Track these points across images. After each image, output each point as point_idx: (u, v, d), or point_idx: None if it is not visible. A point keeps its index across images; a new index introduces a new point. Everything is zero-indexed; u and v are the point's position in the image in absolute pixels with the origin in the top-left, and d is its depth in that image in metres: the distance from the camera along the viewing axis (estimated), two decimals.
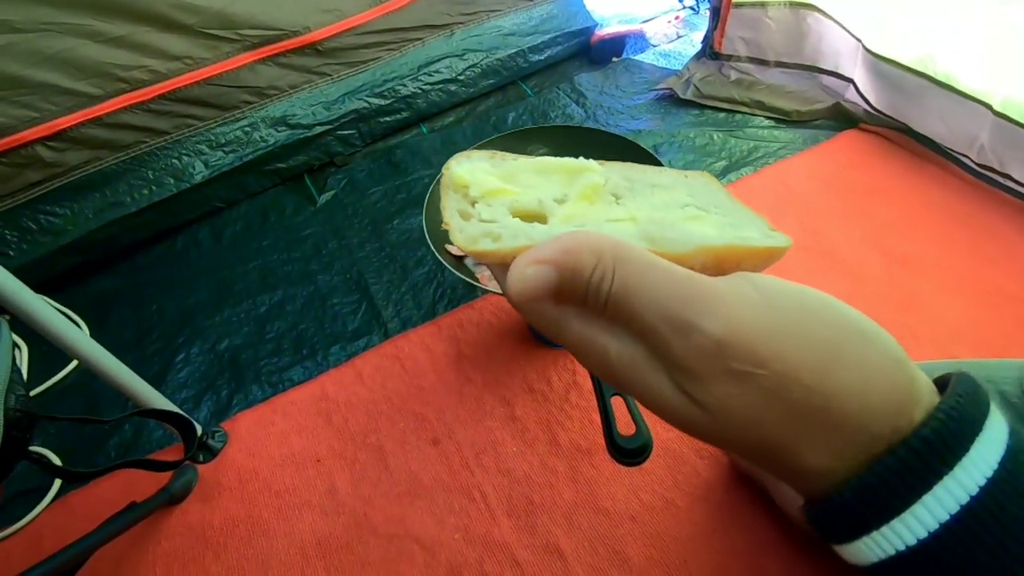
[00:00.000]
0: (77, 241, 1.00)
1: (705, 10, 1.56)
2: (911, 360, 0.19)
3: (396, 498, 0.69)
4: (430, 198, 0.72)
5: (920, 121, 1.00)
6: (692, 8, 1.60)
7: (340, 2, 1.13)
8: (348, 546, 0.65)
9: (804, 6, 1.14)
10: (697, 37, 1.43)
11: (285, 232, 1.08)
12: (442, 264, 0.67)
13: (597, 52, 1.44)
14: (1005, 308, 0.78)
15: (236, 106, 1.09)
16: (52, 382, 0.87)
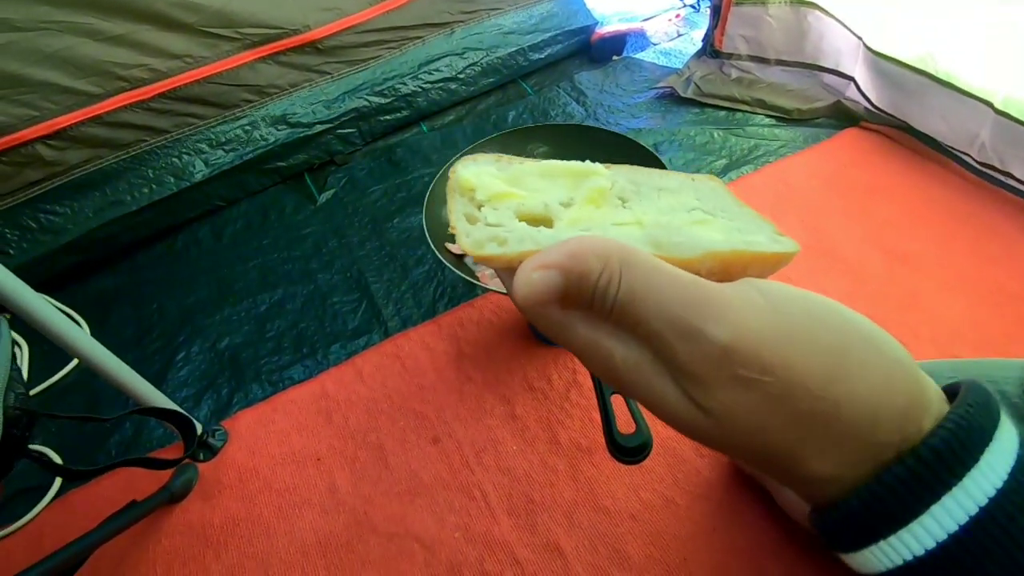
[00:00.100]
0: (77, 240, 1.00)
1: (706, 8, 1.55)
2: (919, 366, 0.19)
3: (396, 496, 0.69)
4: (430, 197, 0.72)
5: (921, 119, 1.00)
6: (693, 6, 1.60)
7: (340, 0, 1.13)
8: (348, 544, 0.65)
9: (805, 4, 1.13)
10: (698, 35, 1.43)
11: (285, 231, 1.08)
12: (442, 263, 0.67)
13: (597, 50, 1.43)
14: (1006, 307, 0.78)
15: (236, 105, 1.09)
16: (53, 381, 0.88)
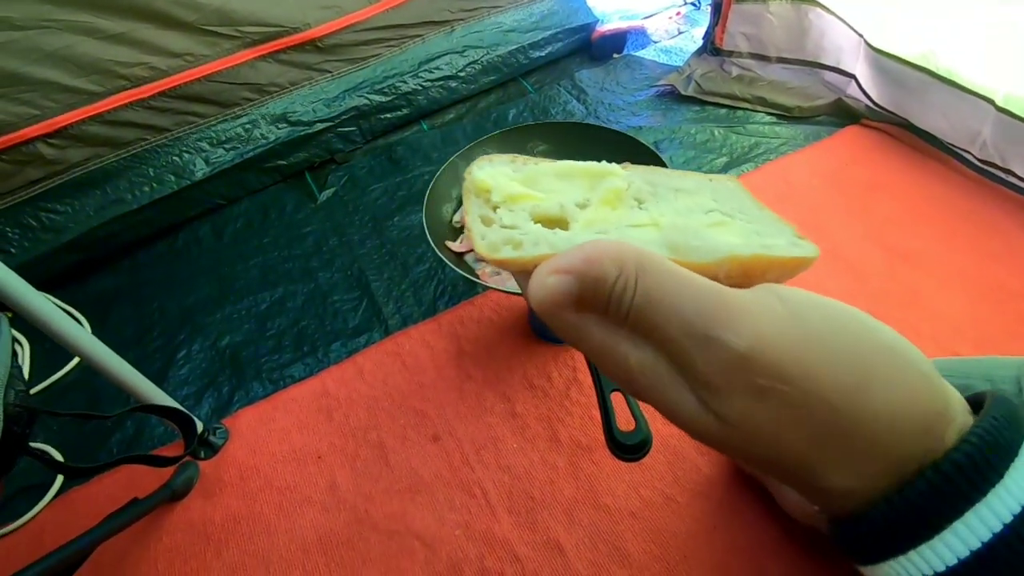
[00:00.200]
0: (78, 238, 1.00)
1: (706, 6, 1.55)
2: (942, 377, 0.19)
3: (397, 494, 0.69)
4: (430, 195, 0.72)
5: (922, 117, 0.99)
6: (693, 4, 1.59)
7: None
8: (349, 542, 0.65)
9: (806, 1, 1.13)
10: (698, 33, 1.42)
11: (286, 229, 1.08)
12: (443, 261, 0.67)
13: (598, 48, 1.43)
14: (1007, 304, 0.78)
15: (237, 103, 1.09)
16: (54, 379, 0.88)
